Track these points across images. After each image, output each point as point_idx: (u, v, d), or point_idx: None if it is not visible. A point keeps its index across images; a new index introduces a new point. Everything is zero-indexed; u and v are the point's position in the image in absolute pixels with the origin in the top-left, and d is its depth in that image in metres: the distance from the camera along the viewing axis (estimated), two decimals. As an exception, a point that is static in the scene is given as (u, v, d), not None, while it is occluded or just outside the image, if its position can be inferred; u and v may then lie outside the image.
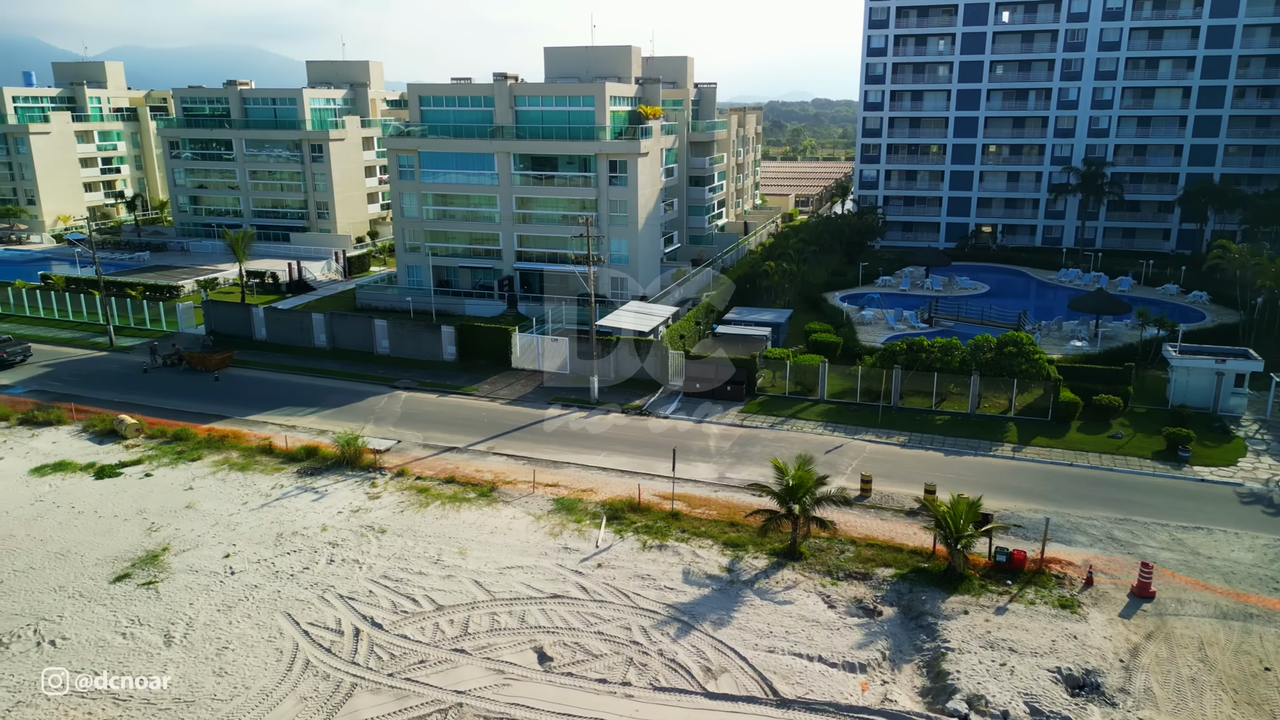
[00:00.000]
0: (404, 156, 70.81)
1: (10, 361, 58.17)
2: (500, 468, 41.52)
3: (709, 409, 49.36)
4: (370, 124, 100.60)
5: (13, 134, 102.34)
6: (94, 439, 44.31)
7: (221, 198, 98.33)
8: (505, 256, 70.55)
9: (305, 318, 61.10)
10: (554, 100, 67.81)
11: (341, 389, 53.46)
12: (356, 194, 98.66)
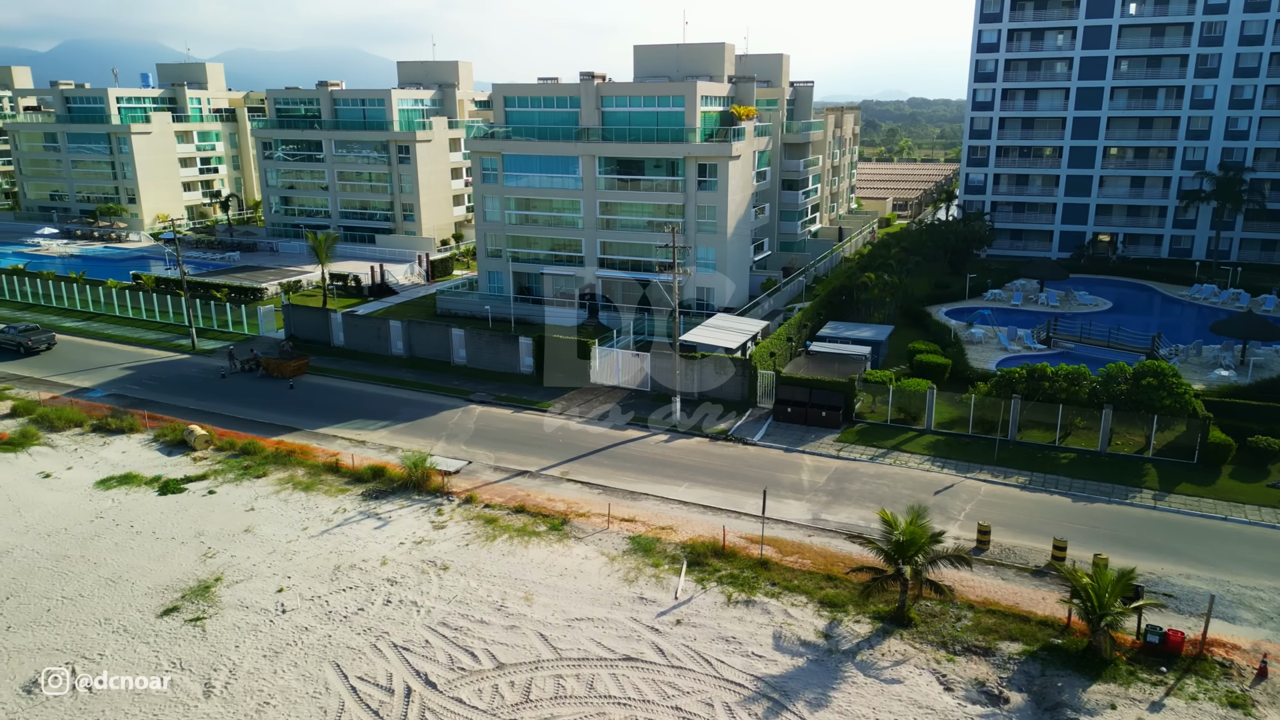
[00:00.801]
0: (487, 159, 68.76)
1: (35, 349, 60.12)
2: (573, 497, 38.45)
3: (802, 436, 45.28)
4: (457, 125, 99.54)
5: (116, 134, 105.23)
6: (163, 449, 43.20)
7: (311, 198, 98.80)
8: (587, 264, 67.74)
9: (382, 325, 59.52)
10: (642, 100, 64.60)
11: (416, 401, 51.45)
12: (442, 196, 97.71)
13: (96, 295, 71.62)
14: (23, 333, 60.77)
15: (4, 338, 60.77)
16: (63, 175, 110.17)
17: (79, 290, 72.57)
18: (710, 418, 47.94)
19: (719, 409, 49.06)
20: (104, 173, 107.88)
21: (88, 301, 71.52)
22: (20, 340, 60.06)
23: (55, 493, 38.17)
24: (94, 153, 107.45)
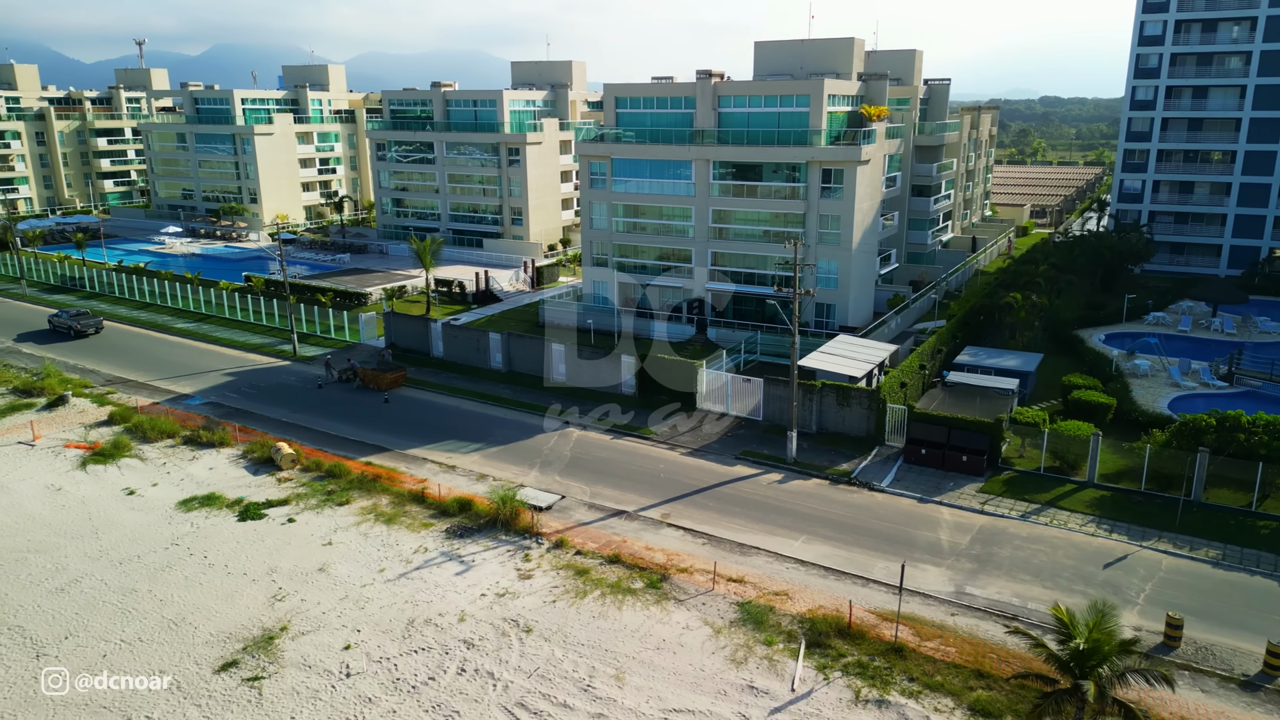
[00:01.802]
0: (596, 163, 65.34)
1: (84, 333, 64.86)
2: (674, 547, 34.19)
3: (938, 483, 39.61)
4: (569, 127, 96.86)
5: (240, 134, 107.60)
6: (250, 467, 41.37)
7: (422, 201, 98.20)
8: (697, 276, 63.38)
9: (481, 337, 56.84)
10: (763, 100, 59.71)
11: (511, 421, 48.33)
12: (551, 200, 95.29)
13: (209, 296, 72.03)
14: (74, 318, 65.43)
15: (57, 322, 65.87)
16: (190, 175, 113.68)
17: (192, 290, 73.23)
18: (831, 455, 42.80)
19: (841, 446, 43.85)
20: (228, 173, 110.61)
21: (200, 302, 72.02)
22: (71, 324, 64.81)
23: (136, 512, 36.61)
24: (219, 153, 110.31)
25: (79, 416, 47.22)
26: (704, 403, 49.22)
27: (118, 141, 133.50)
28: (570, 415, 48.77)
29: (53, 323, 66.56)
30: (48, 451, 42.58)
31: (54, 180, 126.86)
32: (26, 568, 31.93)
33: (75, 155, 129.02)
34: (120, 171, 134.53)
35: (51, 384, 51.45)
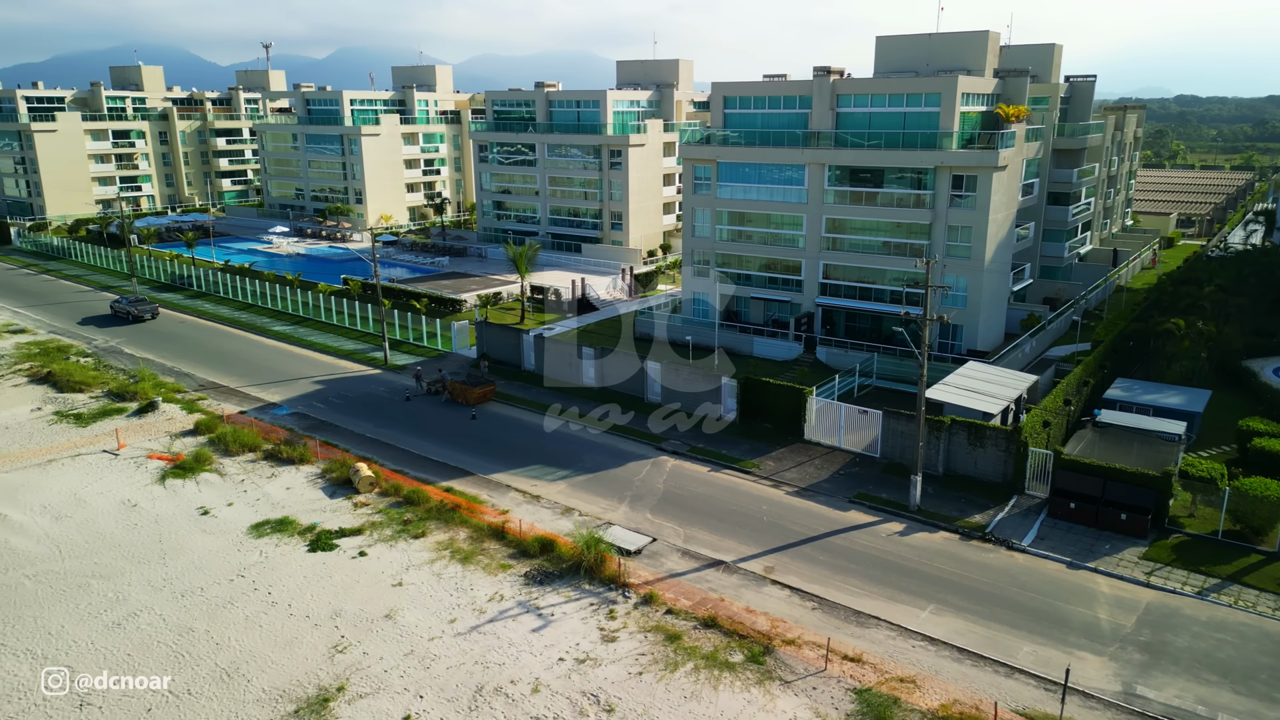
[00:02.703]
0: (700, 166, 61.37)
1: (141, 317, 68.50)
2: (780, 610, 29.90)
3: (1091, 544, 33.96)
4: (673, 128, 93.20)
5: (347, 135, 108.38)
6: (327, 488, 39.20)
7: (522, 204, 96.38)
8: (807, 289, 58.59)
9: (573, 350, 53.67)
10: (886, 99, 54.45)
11: (601, 445, 44.90)
12: (652, 204, 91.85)
13: (307, 298, 71.53)
14: (132, 303, 69.64)
15: (118, 307, 69.81)
16: (300, 175, 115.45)
17: (291, 292, 72.95)
18: (961, 504, 37.57)
19: (972, 492, 38.54)
20: (335, 173, 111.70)
21: (298, 304, 71.61)
22: (129, 309, 68.92)
23: (207, 535, 34.78)
24: (327, 153, 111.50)
25: (166, 424, 46.34)
26: (813, 433, 44.58)
27: (236, 141, 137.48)
28: (666, 442, 44.96)
29: (113, 308, 70.33)
30: (130, 463, 41.55)
31: (175, 178, 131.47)
32: (88, 596, 30.28)
33: (196, 154, 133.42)
34: (237, 170, 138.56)
35: (144, 388, 51.02)
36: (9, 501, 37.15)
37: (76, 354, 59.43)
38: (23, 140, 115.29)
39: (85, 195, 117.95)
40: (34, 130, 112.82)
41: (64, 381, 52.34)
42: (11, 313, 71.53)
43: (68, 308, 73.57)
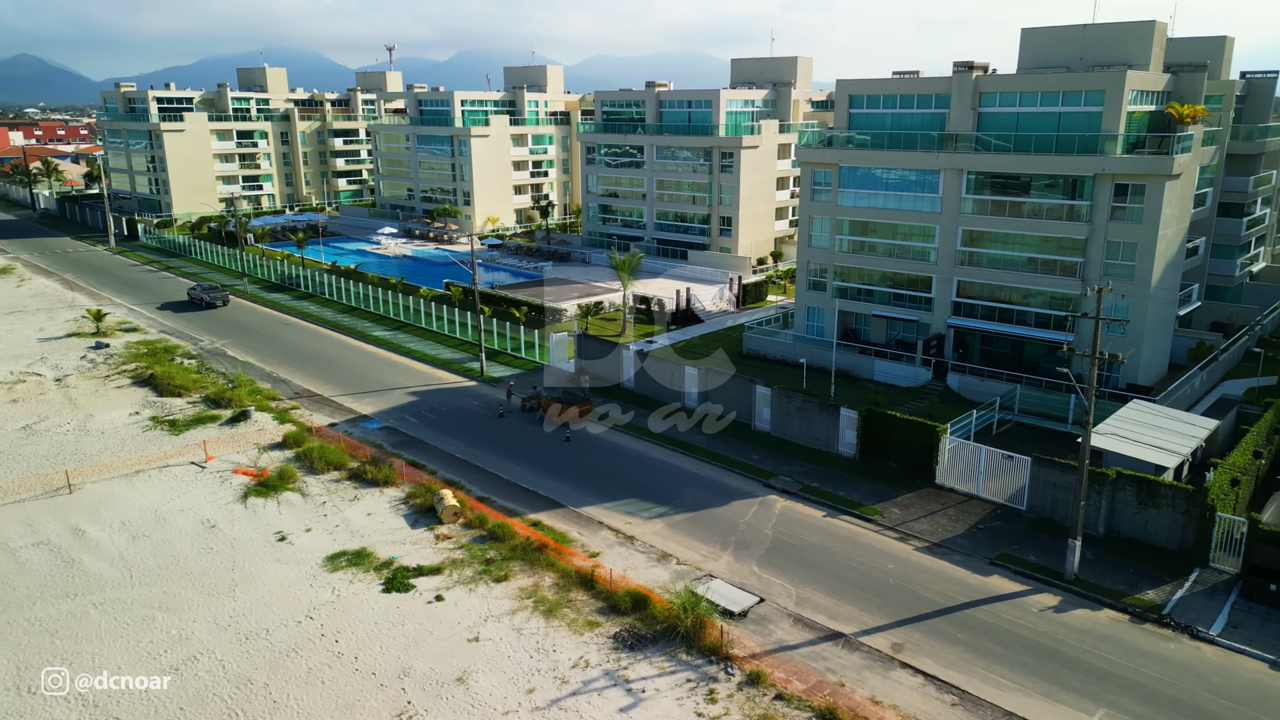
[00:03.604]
0: (820, 171, 56.50)
1: (212, 304, 73.14)
2: (913, 703, 25.21)
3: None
4: (789, 128, 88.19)
5: (457, 136, 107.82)
6: (410, 516, 36.63)
7: (628, 207, 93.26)
8: (937, 308, 52.92)
9: (676, 370, 49.80)
10: (1038, 98, 48.32)
11: (703, 478, 40.91)
12: (764, 209, 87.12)
13: (409, 302, 70.23)
14: (205, 290, 74.34)
15: (193, 294, 74.53)
16: (411, 175, 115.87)
17: (393, 296, 71.85)
18: (1128, 575, 31.80)
19: (1141, 559, 32.66)
20: (445, 174, 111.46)
21: (400, 309, 70.39)
22: (202, 296, 73.67)
23: (282, 565, 32.61)
24: (438, 154, 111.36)
25: (256, 435, 45.00)
26: (945, 477, 39.31)
27: (352, 141, 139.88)
28: (776, 478, 40.57)
29: (190, 295, 75.22)
30: (215, 477, 40.14)
31: (294, 178, 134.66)
32: (150, 632, 28.35)
33: (314, 154, 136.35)
34: (353, 170, 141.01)
35: (240, 395, 50.08)
36: (91, 516, 36.08)
37: (182, 355, 59.55)
38: (153, 139, 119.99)
39: (209, 194, 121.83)
40: (163, 130, 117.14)
41: (164, 385, 52.04)
42: (127, 310, 73.05)
43: (178, 306, 74.63)
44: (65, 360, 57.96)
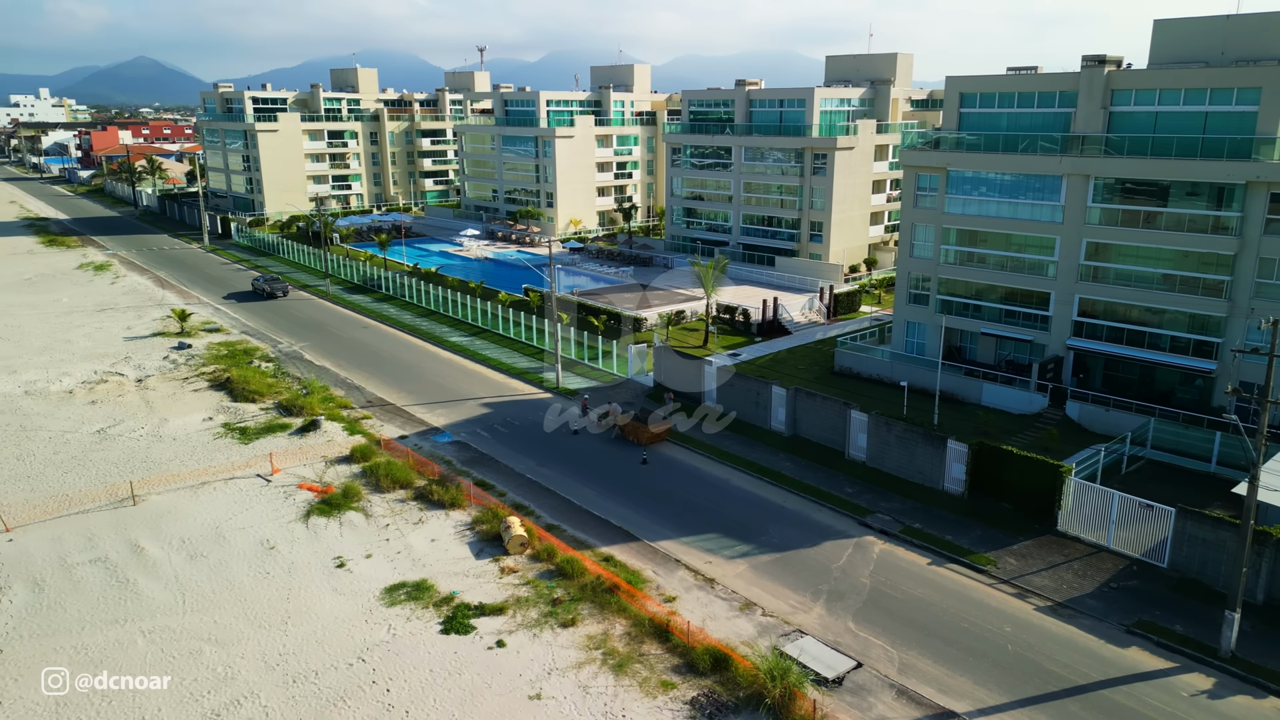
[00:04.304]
0: (925, 175, 52.13)
1: (273, 295, 76.40)
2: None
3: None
4: (888, 129, 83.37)
5: (542, 137, 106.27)
6: (474, 544, 34.29)
7: (714, 210, 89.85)
8: (1055, 327, 47.99)
9: (762, 389, 46.30)
10: (1180, 96, 43.04)
11: (791, 512, 37.41)
12: (858, 214, 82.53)
13: (486, 307, 68.52)
14: (267, 281, 77.91)
15: (257, 285, 78.38)
16: (495, 176, 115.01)
17: (471, 300, 70.27)
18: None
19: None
20: (529, 175, 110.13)
21: (478, 314, 68.74)
22: (264, 287, 77.27)
23: (338, 596, 30.62)
24: (522, 155, 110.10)
25: (324, 447, 43.52)
26: (1069, 523, 34.84)
27: (440, 142, 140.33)
28: (873, 516, 36.78)
29: (254, 285, 78.99)
30: (280, 491, 38.66)
31: (382, 178, 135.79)
32: (196, 667, 26.60)
33: (402, 154, 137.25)
34: (440, 171, 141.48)
35: (311, 403, 48.89)
36: (152, 531, 34.90)
37: (260, 357, 59.05)
38: (248, 139, 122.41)
39: (300, 193, 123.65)
40: (258, 130, 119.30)
41: (239, 389, 51.32)
42: (213, 309, 73.53)
43: (265, 306, 74.80)
44: (148, 360, 58.09)
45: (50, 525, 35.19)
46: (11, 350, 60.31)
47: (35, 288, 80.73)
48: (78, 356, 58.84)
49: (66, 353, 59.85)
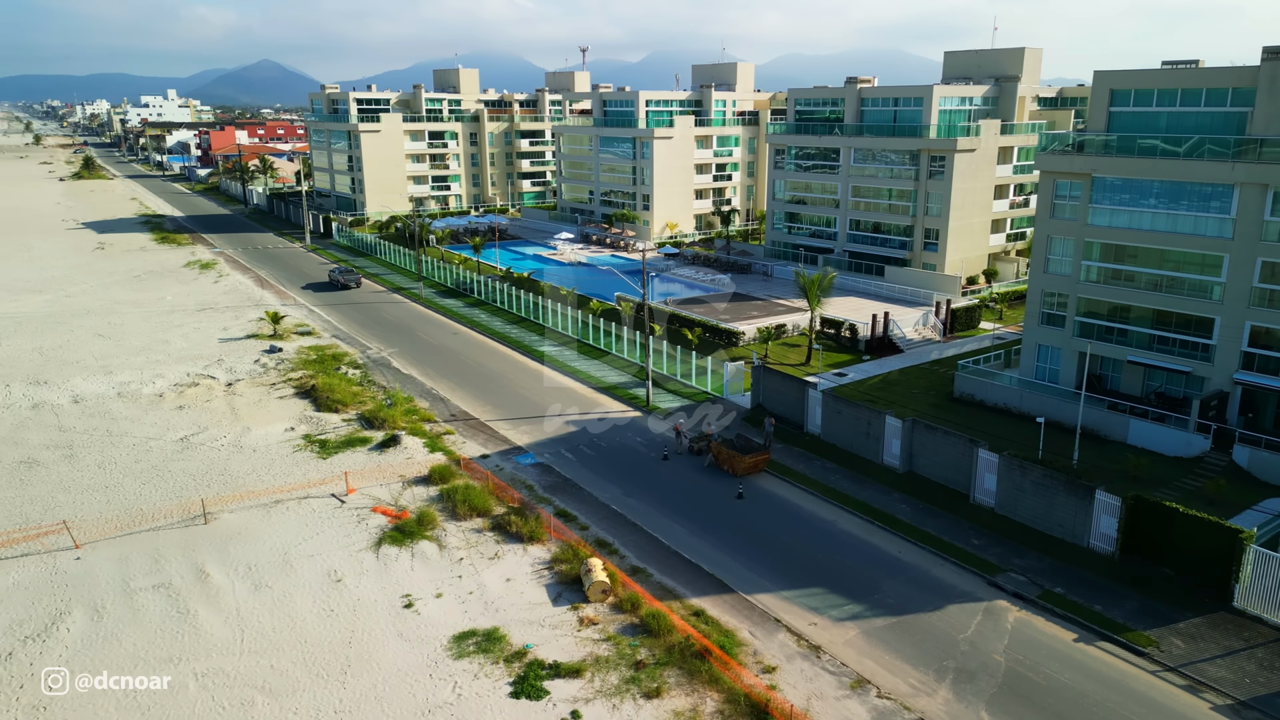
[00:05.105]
0: (1064, 181, 46.52)
1: (346, 285, 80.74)
2: None
3: None
4: (1012, 130, 76.87)
5: (640, 137, 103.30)
6: (552, 587, 31.27)
7: (818, 215, 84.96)
8: (1220, 357, 41.82)
9: (874, 420, 41.77)
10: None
11: (909, 565, 33.03)
12: (978, 220, 76.35)
13: (578, 314, 65.84)
14: (342, 273, 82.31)
15: (332, 276, 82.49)
16: (592, 178, 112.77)
17: (562, 308, 67.72)
18: None
19: None
20: (625, 177, 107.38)
21: (569, 321, 66.14)
22: (338, 278, 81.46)
23: (403, 643, 28.03)
24: (619, 156, 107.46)
25: (403, 465, 41.40)
26: (1249, 599, 29.35)
27: (538, 143, 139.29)
28: (1004, 575, 32.04)
29: (330, 276, 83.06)
30: (353, 514, 36.59)
31: (480, 179, 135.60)
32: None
33: (501, 155, 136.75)
34: (537, 172, 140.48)
35: (394, 415, 47.02)
36: (219, 555, 33.22)
37: (348, 364, 57.86)
38: (351, 139, 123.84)
39: (400, 193, 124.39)
40: (361, 130, 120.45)
41: (323, 398, 49.97)
42: (308, 310, 73.31)
43: (357, 309, 74.21)
44: (239, 364, 57.65)
45: (119, 543, 33.95)
46: (111, 349, 60.97)
47: (142, 285, 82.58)
48: (173, 358, 58.94)
49: (163, 353, 60.08)
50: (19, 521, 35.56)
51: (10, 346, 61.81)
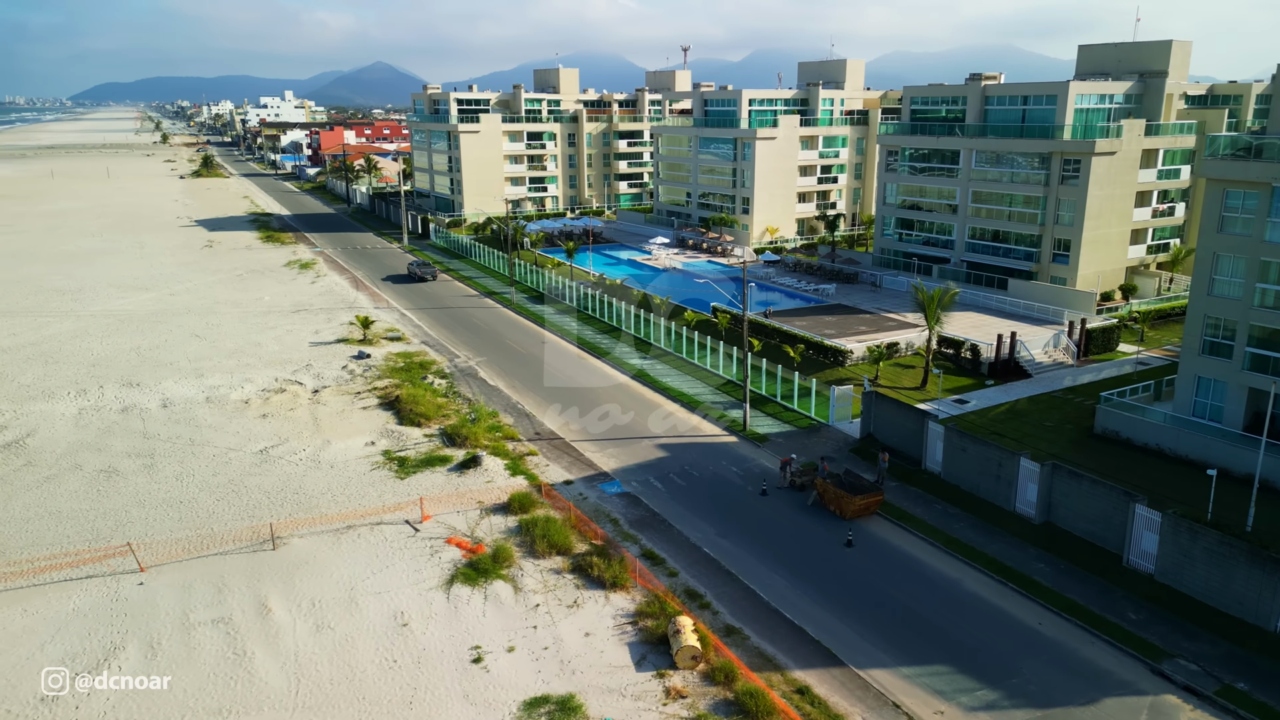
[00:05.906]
0: (1237, 191, 40.28)
1: (423, 278, 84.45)
2: None
3: None
4: (1159, 130, 69.39)
5: (742, 138, 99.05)
6: (637, 646, 27.87)
7: (933, 222, 79.01)
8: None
9: (1007, 461, 36.74)
10: None
11: (1051, 641, 28.23)
12: (1115, 231, 69.22)
13: (670, 326, 62.32)
14: (419, 266, 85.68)
15: (411, 269, 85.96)
16: (690, 180, 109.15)
17: (655, 318, 64.31)
18: None
19: None
20: (725, 179, 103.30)
21: (661, 333, 62.71)
22: (416, 271, 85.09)
23: (468, 707, 25.14)
24: (719, 158, 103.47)
25: (482, 490, 38.78)
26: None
27: (636, 144, 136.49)
28: (1171, 662, 26.88)
29: (409, 269, 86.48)
30: (426, 545, 34.07)
31: (577, 180, 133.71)
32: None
33: (598, 156, 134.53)
34: (634, 174, 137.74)
35: (477, 432, 44.57)
36: (284, 586, 31.14)
37: (435, 373, 56.01)
38: (451, 140, 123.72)
39: (497, 194, 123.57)
40: (460, 131, 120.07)
41: (406, 411, 48.01)
42: (399, 314, 72.21)
43: (448, 313, 72.71)
44: (327, 369, 56.52)
45: (185, 567, 32.31)
46: (205, 351, 60.89)
47: (243, 284, 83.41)
48: (263, 361, 58.31)
49: (254, 356, 59.59)
50: (89, 538, 34.44)
51: (110, 345, 62.54)
